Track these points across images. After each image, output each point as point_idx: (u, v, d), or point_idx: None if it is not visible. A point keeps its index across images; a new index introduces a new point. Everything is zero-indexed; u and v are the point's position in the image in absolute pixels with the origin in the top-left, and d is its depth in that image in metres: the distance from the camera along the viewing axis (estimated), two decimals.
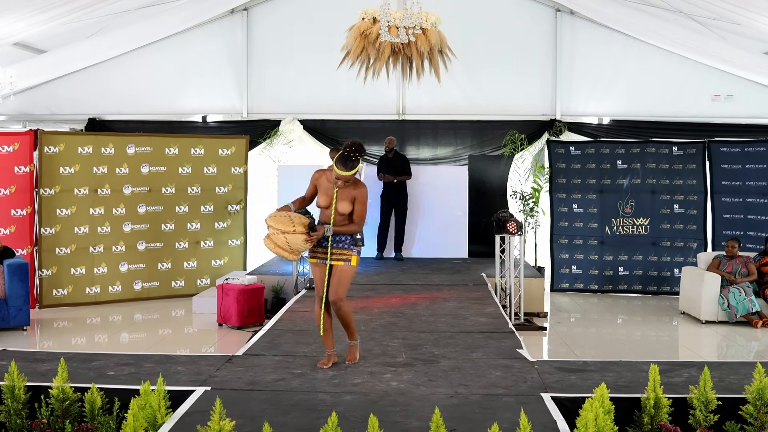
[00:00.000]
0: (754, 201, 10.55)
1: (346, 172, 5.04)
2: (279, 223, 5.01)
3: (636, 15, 11.24)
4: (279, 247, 5.04)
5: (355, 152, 5.00)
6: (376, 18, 8.25)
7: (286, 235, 4.99)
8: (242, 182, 10.76)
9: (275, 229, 5.01)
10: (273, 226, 5.02)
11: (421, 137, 12.33)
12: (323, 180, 5.24)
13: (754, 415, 4.23)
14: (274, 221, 5.03)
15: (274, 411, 4.25)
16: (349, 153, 5.00)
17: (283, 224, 5.00)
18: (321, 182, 5.25)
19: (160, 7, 11.48)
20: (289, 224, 5.00)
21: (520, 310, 8.70)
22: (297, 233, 4.99)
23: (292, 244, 5.02)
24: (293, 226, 4.99)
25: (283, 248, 5.04)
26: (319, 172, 5.30)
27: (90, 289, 9.76)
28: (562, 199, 11.10)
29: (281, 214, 5.09)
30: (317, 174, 5.30)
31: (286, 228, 4.99)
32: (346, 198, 5.16)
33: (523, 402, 4.30)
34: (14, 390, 4.41)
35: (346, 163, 5.02)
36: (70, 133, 11.14)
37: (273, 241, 5.05)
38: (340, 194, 5.15)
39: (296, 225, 5.00)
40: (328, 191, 5.20)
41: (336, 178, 5.09)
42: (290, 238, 5.00)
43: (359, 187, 5.19)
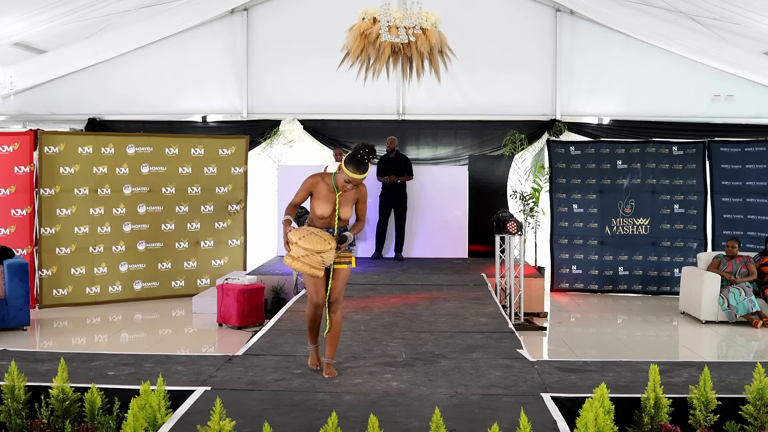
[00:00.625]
0: (754, 201, 10.56)
1: (360, 176, 4.78)
2: (315, 244, 4.74)
3: (636, 15, 11.25)
4: (313, 267, 4.80)
5: (368, 154, 4.75)
6: (376, 18, 8.25)
7: (322, 254, 4.77)
8: (242, 182, 10.76)
9: (311, 251, 4.74)
10: (310, 248, 4.73)
11: (421, 137, 12.34)
12: (321, 187, 4.93)
13: (754, 415, 4.23)
14: (309, 243, 4.74)
15: (274, 411, 4.25)
16: (363, 155, 4.75)
17: (320, 244, 4.75)
18: (319, 189, 4.93)
19: (160, 7, 11.49)
20: (324, 242, 4.77)
21: (520, 310, 8.70)
22: (332, 249, 4.81)
23: (326, 260, 4.82)
24: (329, 244, 4.79)
25: (317, 267, 4.81)
26: (316, 178, 4.96)
27: (90, 289, 9.76)
28: (562, 199, 11.10)
29: (306, 233, 4.80)
30: (313, 180, 4.95)
31: (323, 247, 4.76)
32: (349, 202, 4.97)
33: (523, 402, 4.30)
34: (14, 390, 4.41)
35: (360, 166, 4.76)
36: (70, 133, 11.14)
37: (306, 263, 4.77)
38: (342, 199, 4.93)
39: (330, 241, 4.80)
40: (329, 198, 4.92)
41: (346, 182, 4.81)
42: (325, 256, 4.79)
43: (360, 188, 4.98)
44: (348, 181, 4.81)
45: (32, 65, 11.47)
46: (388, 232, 11.07)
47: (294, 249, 4.79)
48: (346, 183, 4.82)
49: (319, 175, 5.00)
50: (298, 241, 4.75)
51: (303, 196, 5.00)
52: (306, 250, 4.74)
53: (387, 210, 10.89)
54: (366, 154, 4.75)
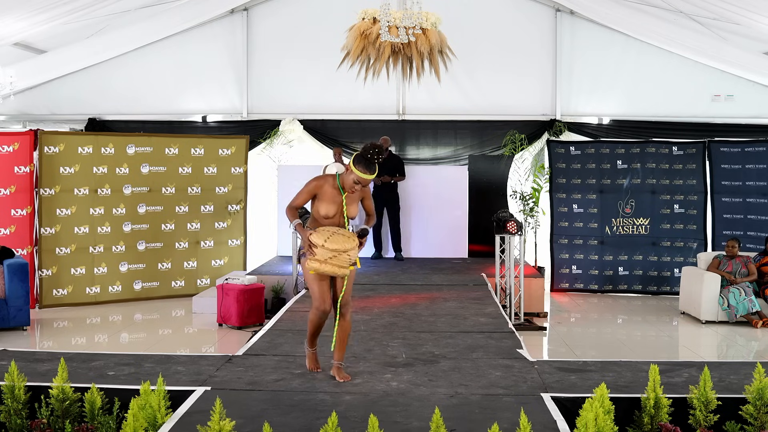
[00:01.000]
0: (754, 201, 10.56)
1: (370, 176, 4.72)
2: (343, 243, 4.68)
3: (636, 15, 11.25)
4: (341, 267, 4.73)
5: (378, 154, 4.69)
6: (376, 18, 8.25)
7: (349, 252, 4.70)
8: (242, 182, 10.76)
9: (339, 251, 4.66)
10: (338, 248, 4.66)
11: (421, 137, 12.33)
12: (327, 188, 4.84)
13: (754, 415, 4.23)
14: (336, 243, 4.66)
15: (274, 411, 4.25)
16: (372, 155, 4.69)
17: (347, 242, 4.70)
18: (324, 191, 4.84)
19: (160, 7, 11.49)
20: (350, 240, 4.72)
21: (520, 310, 8.70)
22: (356, 245, 4.74)
23: (352, 257, 4.74)
24: (354, 241, 4.74)
25: (344, 266, 4.73)
26: (320, 180, 4.88)
27: (90, 289, 9.76)
28: (562, 199, 11.10)
29: (329, 233, 4.72)
30: (318, 182, 4.87)
31: (350, 245, 4.70)
32: (355, 201, 4.92)
33: (523, 402, 4.30)
34: (14, 390, 4.41)
35: (370, 166, 4.71)
36: (70, 133, 11.14)
37: (334, 264, 4.69)
38: (348, 200, 4.86)
39: (353, 238, 4.74)
40: (335, 199, 4.84)
41: (356, 183, 4.75)
42: (351, 254, 4.72)
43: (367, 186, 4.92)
44: (357, 182, 4.75)
45: (32, 65, 11.47)
46: (384, 231, 11.08)
47: (320, 252, 4.68)
48: (355, 184, 4.77)
49: (322, 177, 4.91)
50: (325, 243, 4.66)
51: (305, 199, 4.92)
52: (334, 251, 4.67)
53: (380, 210, 10.88)
54: (375, 153, 4.70)
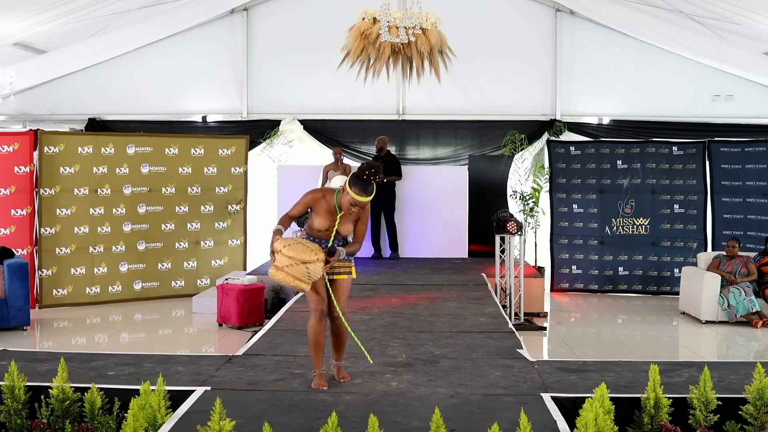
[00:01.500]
0: (754, 201, 10.56)
1: (366, 198, 4.56)
2: (300, 253, 4.51)
3: (636, 15, 11.25)
4: (298, 279, 4.53)
5: (374, 174, 4.51)
6: (376, 18, 8.25)
7: (308, 265, 4.52)
8: (242, 182, 10.76)
9: (295, 260, 4.50)
10: (294, 256, 4.49)
11: (421, 137, 12.33)
12: (322, 204, 4.70)
13: (754, 415, 4.23)
14: (294, 251, 4.51)
15: (274, 411, 4.25)
16: (368, 177, 4.51)
17: (305, 253, 4.52)
18: (320, 205, 4.71)
19: (160, 7, 11.49)
20: (311, 253, 4.53)
21: (520, 310, 8.70)
22: (319, 261, 4.56)
23: (312, 273, 4.56)
24: (315, 254, 4.55)
25: (302, 279, 4.54)
26: (317, 194, 4.74)
27: (90, 289, 9.76)
28: (562, 199, 11.10)
29: (293, 242, 4.58)
30: (315, 195, 4.73)
31: (309, 257, 4.52)
32: (350, 220, 4.75)
33: (523, 402, 4.30)
34: (14, 390, 4.41)
35: (367, 188, 4.54)
36: (70, 133, 11.14)
37: (290, 273, 4.51)
38: (343, 219, 4.71)
39: (318, 253, 4.56)
40: (329, 215, 4.70)
41: (352, 205, 4.58)
42: (311, 267, 4.54)
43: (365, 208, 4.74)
44: (354, 204, 4.57)
45: (32, 65, 11.47)
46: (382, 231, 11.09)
47: (278, 258, 4.56)
48: (351, 206, 4.59)
49: (321, 191, 4.79)
50: (283, 249, 4.53)
51: (300, 210, 4.79)
52: (291, 259, 4.51)
53: (376, 210, 10.87)
54: (372, 174, 4.51)
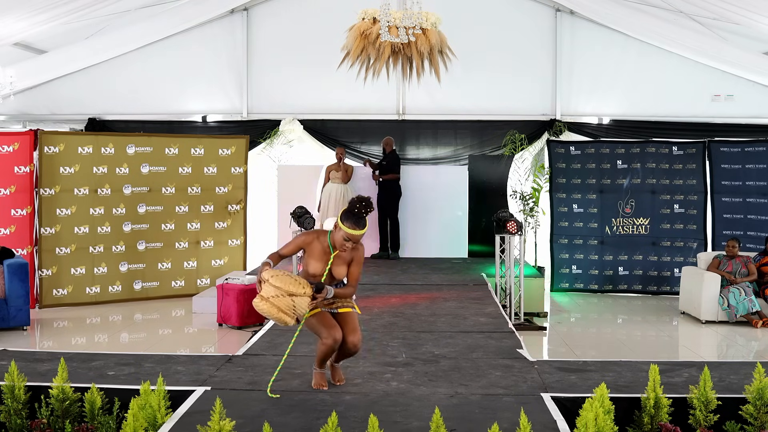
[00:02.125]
0: (754, 201, 10.56)
1: (359, 231, 4.46)
2: (288, 285, 4.38)
3: (636, 15, 11.25)
4: (282, 311, 4.39)
5: (365, 207, 4.45)
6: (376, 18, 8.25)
7: (294, 298, 4.39)
8: (242, 182, 10.75)
9: (282, 291, 4.38)
10: (281, 287, 4.37)
11: (421, 137, 12.33)
12: (315, 245, 4.59)
13: (754, 415, 4.23)
14: (281, 282, 4.38)
15: (274, 411, 4.25)
16: (360, 209, 4.44)
17: (293, 285, 4.39)
18: (313, 247, 4.60)
19: (160, 7, 11.49)
20: (298, 286, 4.41)
21: (520, 310, 8.70)
22: (306, 295, 4.42)
23: (298, 307, 4.42)
24: (303, 288, 4.41)
25: (287, 312, 4.40)
26: (310, 236, 4.63)
27: (90, 289, 9.76)
28: (562, 199, 11.10)
29: (281, 273, 4.45)
30: (307, 237, 4.62)
31: (296, 290, 4.39)
32: (344, 262, 4.63)
33: (523, 402, 4.30)
34: (14, 390, 4.41)
35: (359, 221, 4.46)
36: (70, 133, 11.14)
37: (275, 305, 4.38)
38: (337, 259, 4.59)
39: (305, 287, 4.43)
40: (322, 257, 4.59)
41: (346, 240, 4.47)
42: (297, 301, 4.40)
43: (358, 248, 4.62)
44: (348, 239, 4.47)
45: (32, 65, 11.47)
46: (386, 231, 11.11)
47: (265, 288, 4.43)
48: (345, 241, 4.48)
49: (314, 232, 4.69)
50: (270, 279, 4.40)
51: (292, 250, 4.68)
52: (277, 289, 4.38)
53: (381, 210, 10.91)
54: (363, 207, 4.46)
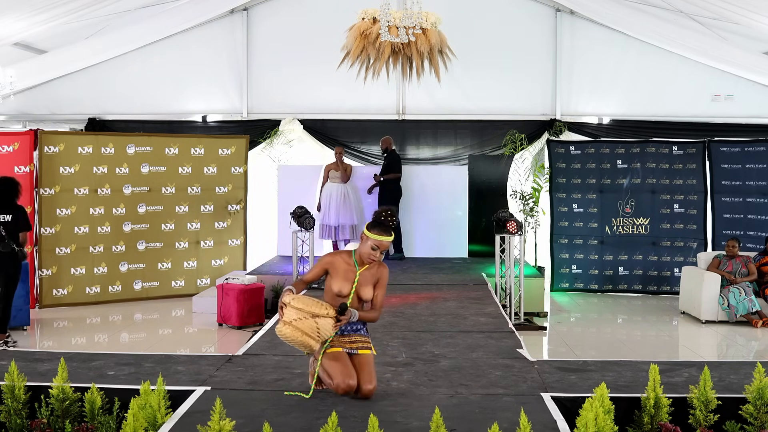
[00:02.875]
0: (754, 201, 10.56)
1: (388, 237, 4.46)
2: (310, 306, 4.31)
3: (636, 15, 11.25)
4: (306, 334, 4.29)
5: (391, 216, 4.48)
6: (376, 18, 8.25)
7: (317, 319, 4.29)
8: (242, 182, 10.76)
9: (304, 313, 4.28)
10: (303, 308, 4.28)
11: (421, 137, 12.33)
12: (340, 263, 4.54)
13: (754, 414, 4.23)
14: (303, 303, 4.30)
15: (274, 411, 4.25)
16: (386, 217, 4.47)
17: (316, 307, 4.31)
18: (337, 266, 4.53)
19: (160, 7, 11.49)
20: (321, 307, 4.33)
21: (520, 310, 8.70)
22: (329, 317, 4.33)
23: (322, 330, 4.32)
24: (326, 309, 4.34)
25: (311, 335, 4.30)
26: (333, 256, 4.58)
27: (90, 289, 9.76)
28: (562, 198, 11.10)
29: (302, 296, 4.40)
30: (331, 258, 4.56)
31: (319, 311, 4.31)
32: (369, 281, 4.56)
33: (523, 402, 4.30)
34: (14, 390, 4.41)
35: (386, 229, 4.47)
36: (70, 133, 11.14)
37: (298, 328, 4.27)
38: (363, 278, 4.53)
39: (328, 308, 4.36)
40: (347, 275, 4.52)
41: (373, 249, 4.46)
42: (321, 323, 4.30)
43: (383, 267, 4.60)
44: (375, 247, 4.46)
45: (32, 65, 11.47)
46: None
47: (286, 312, 4.33)
48: (372, 251, 4.47)
49: (337, 252, 4.66)
50: (291, 302, 4.32)
51: (317, 273, 4.60)
52: (299, 311, 4.30)
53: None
54: (389, 215, 4.50)
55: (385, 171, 10.88)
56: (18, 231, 7.29)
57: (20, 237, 7.31)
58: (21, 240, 7.31)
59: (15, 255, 7.24)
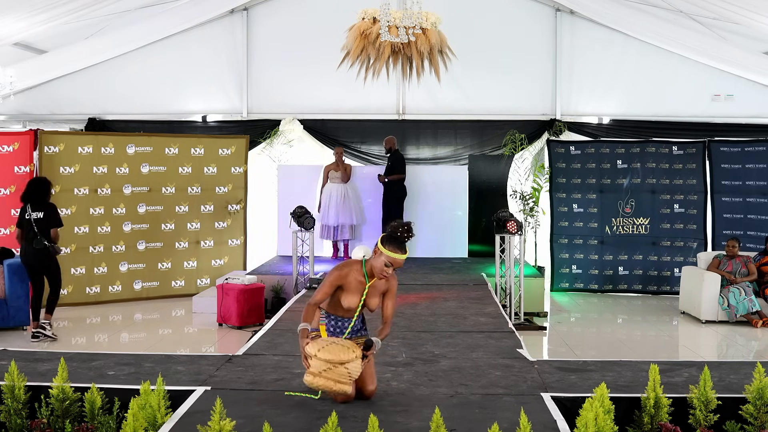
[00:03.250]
0: (754, 201, 10.56)
1: (403, 255, 4.28)
2: (338, 354, 4.13)
3: (636, 15, 11.25)
4: (340, 382, 4.15)
5: (407, 232, 4.30)
6: (376, 18, 8.25)
7: (347, 365, 4.13)
8: (242, 182, 10.76)
9: (333, 363, 4.12)
10: (332, 359, 4.12)
11: (421, 137, 12.33)
12: (352, 277, 4.36)
13: (754, 414, 4.23)
14: (330, 353, 4.12)
15: (274, 411, 4.25)
16: (402, 233, 4.28)
17: (343, 353, 4.14)
18: (349, 280, 4.35)
19: (160, 7, 11.49)
20: (348, 351, 4.16)
21: (520, 310, 8.70)
22: (357, 358, 4.18)
23: (353, 372, 4.18)
24: (353, 352, 4.17)
25: (344, 382, 4.16)
26: (344, 270, 4.37)
27: (90, 288, 9.76)
28: (562, 198, 11.10)
29: (326, 343, 4.20)
30: (341, 272, 4.36)
31: (347, 357, 4.14)
32: (378, 292, 4.43)
33: (523, 402, 4.30)
34: (14, 390, 4.41)
35: (402, 246, 4.29)
36: (70, 133, 11.15)
37: (330, 378, 4.13)
38: (371, 290, 4.40)
39: (354, 349, 4.19)
40: (359, 289, 4.37)
41: (387, 266, 4.28)
42: (351, 367, 4.16)
43: (392, 278, 4.43)
44: (389, 264, 4.27)
45: (32, 65, 11.47)
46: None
47: (314, 363, 4.17)
48: (386, 267, 4.28)
49: (347, 265, 4.43)
50: (318, 353, 4.14)
51: (327, 293, 4.38)
52: (328, 362, 4.13)
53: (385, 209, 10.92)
54: (405, 231, 4.30)
55: (388, 171, 10.87)
56: (50, 227, 7.77)
57: (51, 233, 7.77)
58: (53, 236, 7.78)
59: (48, 251, 7.73)
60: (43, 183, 7.96)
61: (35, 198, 7.81)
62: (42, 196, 7.85)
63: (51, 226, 7.77)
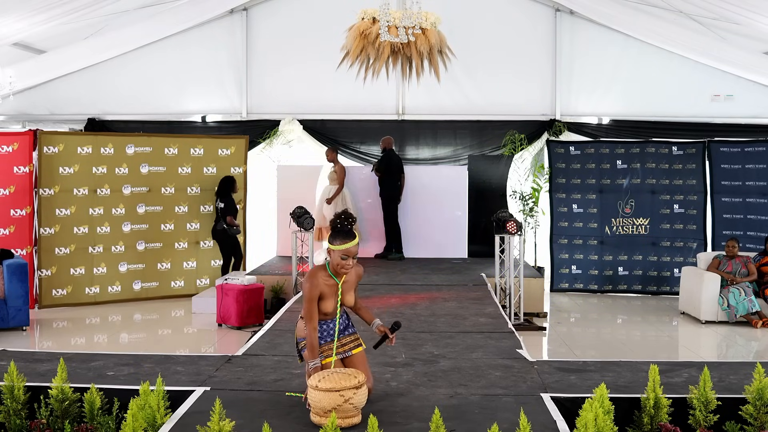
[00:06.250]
0: (754, 201, 10.55)
1: (353, 242, 4.24)
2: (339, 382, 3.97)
3: (636, 15, 11.25)
4: (348, 418, 3.98)
5: (347, 219, 4.29)
6: (376, 18, 8.25)
7: (351, 401, 3.95)
8: (242, 182, 10.75)
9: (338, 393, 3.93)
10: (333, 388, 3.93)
11: (420, 137, 12.34)
12: (323, 282, 4.31)
13: (754, 415, 4.23)
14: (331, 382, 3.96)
15: (274, 411, 4.24)
16: (342, 224, 4.28)
17: (345, 380, 4.00)
18: (323, 288, 4.32)
19: (160, 7, 11.49)
20: (350, 378, 4.03)
21: (519, 310, 8.70)
22: (361, 384, 4.02)
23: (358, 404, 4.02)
24: (355, 377, 4.04)
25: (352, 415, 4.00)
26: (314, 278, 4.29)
27: (89, 289, 9.76)
28: (562, 199, 11.10)
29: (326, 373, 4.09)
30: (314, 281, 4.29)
31: (350, 383, 3.98)
32: (351, 287, 4.43)
33: (522, 402, 4.30)
34: (14, 390, 4.41)
35: (348, 234, 4.25)
36: (70, 133, 11.14)
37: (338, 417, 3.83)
38: (344, 288, 4.38)
39: (356, 375, 4.08)
40: (333, 290, 4.35)
41: (343, 258, 4.23)
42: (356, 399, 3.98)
43: (358, 267, 4.45)
44: (345, 257, 4.24)
45: (32, 65, 11.47)
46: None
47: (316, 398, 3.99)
48: (343, 260, 4.25)
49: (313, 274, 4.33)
50: (319, 384, 3.97)
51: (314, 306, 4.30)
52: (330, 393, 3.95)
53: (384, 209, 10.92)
54: (344, 220, 4.30)
55: (378, 166, 10.84)
56: (227, 214, 9.91)
57: (227, 219, 9.88)
58: (228, 221, 9.89)
59: (225, 232, 9.92)
60: (229, 180, 10.04)
61: (222, 191, 9.97)
62: (227, 190, 9.99)
63: (227, 214, 9.87)
